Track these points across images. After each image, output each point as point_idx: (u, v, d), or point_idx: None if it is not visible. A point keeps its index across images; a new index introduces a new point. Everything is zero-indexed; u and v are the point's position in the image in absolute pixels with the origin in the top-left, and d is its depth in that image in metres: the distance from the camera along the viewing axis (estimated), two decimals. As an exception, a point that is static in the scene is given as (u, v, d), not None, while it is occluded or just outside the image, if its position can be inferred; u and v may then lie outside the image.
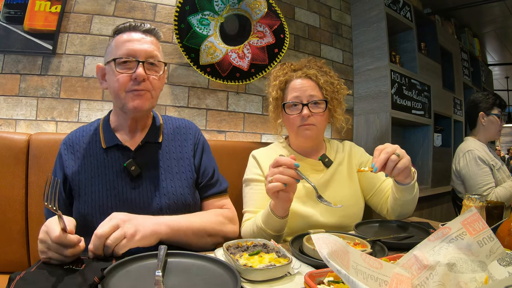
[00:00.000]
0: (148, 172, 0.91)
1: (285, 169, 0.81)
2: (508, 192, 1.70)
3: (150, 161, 0.93)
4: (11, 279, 0.55)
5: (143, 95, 0.88)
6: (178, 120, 1.07)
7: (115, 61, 0.86)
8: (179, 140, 1.02)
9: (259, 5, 1.77)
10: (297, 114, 1.08)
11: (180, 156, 0.99)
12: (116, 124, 0.96)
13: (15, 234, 1.08)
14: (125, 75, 0.86)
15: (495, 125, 1.92)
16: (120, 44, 0.88)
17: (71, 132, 0.99)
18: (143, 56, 0.88)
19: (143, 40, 0.90)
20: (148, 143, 0.95)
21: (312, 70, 1.11)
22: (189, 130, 1.05)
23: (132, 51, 0.87)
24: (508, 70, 5.35)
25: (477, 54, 3.96)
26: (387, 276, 0.47)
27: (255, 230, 0.94)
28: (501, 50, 4.58)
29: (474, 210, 0.50)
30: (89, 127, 0.98)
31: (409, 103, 2.46)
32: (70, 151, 0.93)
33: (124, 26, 0.91)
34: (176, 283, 0.57)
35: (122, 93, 0.87)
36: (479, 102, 1.96)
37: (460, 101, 3.21)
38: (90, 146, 0.93)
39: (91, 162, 0.91)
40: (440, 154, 2.76)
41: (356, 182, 1.15)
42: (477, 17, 3.63)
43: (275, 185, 0.80)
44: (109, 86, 0.91)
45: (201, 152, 1.04)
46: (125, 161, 0.89)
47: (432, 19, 2.97)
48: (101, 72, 0.94)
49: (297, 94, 1.09)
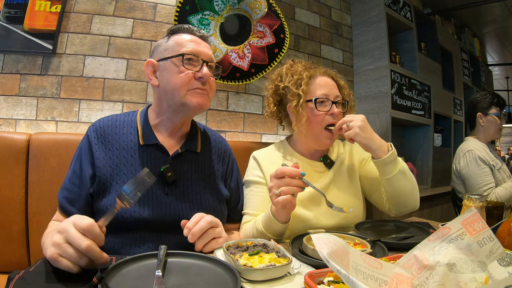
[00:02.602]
0: (183, 181, 0.90)
1: (291, 180, 0.80)
2: (509, 192, 1.70)
3: (187, 170, 0.91)
4: (10, 278, 0.54)
5: (204, 94, 0.89)
6: (214, 133, 1.08)
7: (183, 56, 0.86)
8: (214, 154, 1.01)
9: (259, 5, 1.77)
10: (325, 112, 1.04)
11: (215, 172, 0.98)
12: (156, 122, 0.93)
13: (15, 234, 1.08)
14: (189, 73, 0.86)
15: (494, 125, 1.91)
16: (184, 42, 0.89)
17: (100, 120, 0.93)
18: (206, 58, 0.89)
19: (203, 44, 0.92)
20: (188, 152, 0.93)
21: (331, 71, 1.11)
22: (224, 148, 1.06)
23: (197, 51, 0.88)
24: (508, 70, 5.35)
25: (477, 54, 3.96)
26: (387, 276, 0.47)
27: (255, 233, 0.93)
28: (501, 50, 4.58)
29: (474, 210, 0.50)
30: (122, 118, 0.93)
31: (409, 103, 2.46)
32: (101, 140, 0.88)
33: (182, 27, 0.93)
34: (176, 283, 0.57)
35: (183, 90, 0.86)
36: (477, 102, 1.96)
37: (460, 101, 3.21)
38: (125, 140, 0.89)
39: (125, 157, 0.86)
40: (440, 154, 2.76)
41: (357, 182, 1.14)
42: (477, 17, 3.63)
43: (285, 199, 0.79)
44: (164, 82, 0.88)
45: (236, 176, 1.07)
46: (161, 164, 0.87)
47: (432, 19, 2.97)
48: (152, 68, 0.91)
49: (326, 91, 1.05)
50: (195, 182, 0.92)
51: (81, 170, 0.86)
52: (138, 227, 0.82)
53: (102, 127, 0.90)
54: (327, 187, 1.08)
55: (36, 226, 1.09)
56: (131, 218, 0.80)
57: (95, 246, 0.56)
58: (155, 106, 0.94)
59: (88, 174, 0.85)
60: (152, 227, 0.83)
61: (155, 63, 0.90)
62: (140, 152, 0.87)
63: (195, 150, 0.95)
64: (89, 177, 0.84)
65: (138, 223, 0.81)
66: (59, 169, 1.13)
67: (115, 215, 0.78)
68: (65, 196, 0.85)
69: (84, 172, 0.85)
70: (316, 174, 1.11)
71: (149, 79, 0.91)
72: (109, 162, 0.85)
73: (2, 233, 1.07)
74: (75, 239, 0.55)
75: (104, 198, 0.83)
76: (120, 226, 0.80)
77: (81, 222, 0.56)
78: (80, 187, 0.85)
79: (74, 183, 0.85)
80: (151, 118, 0.94)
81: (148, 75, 0.91)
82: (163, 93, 0.89)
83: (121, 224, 0.79)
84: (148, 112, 0.95)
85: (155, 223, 0.83)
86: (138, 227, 0.82)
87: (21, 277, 0.55)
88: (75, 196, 0.84)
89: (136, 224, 0.81)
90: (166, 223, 0.84)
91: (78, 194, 0.85)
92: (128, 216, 0.80)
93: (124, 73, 1.59)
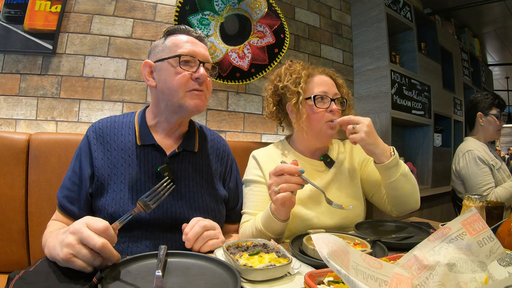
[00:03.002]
0: (181, 181, 0.90)
1: (290, 177, 0.80)
2: (508, 192, 1.70)
3: (185, 170, 0.92)
4: (10, 278, 0.54)
5: (201, 96, 0.89)
6: (213, 133, 1.08)
7: (180, 57, 0.86)
8: (212, 154, 1.01)
9: (259, 5, 1.77)
10: (324, 109, 1.05)
11: (213, 172, 0.98)
12: (154, 123, 0.93)
13: (15, 234, 1.08)
14: (186, 74, 0.86)
15: (493, 125, 1.92)
16: (180, 43, 0.89)
17: (99, 121, 0.94)
18: (202, 58, 0.89)
19: (200, 44, 0.92)
20: (185, 151, 0.93)
21: (329, 70, 1.12)
22: (223, 147, 1.06)
23: (194, 52, 0.88)
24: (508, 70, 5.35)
25: (477, 54, 3.96)
26: (387, 276, 0.47)
27: (254, 232, 0.93)
28: (501, 50, 4.58)
29: (474, 210, 0.50)
30: (121, 119, 0.94)
31: (409, 103, 2.46)
32: (100, 141, 0.89)
33: (179, 27, 0.92)
34: (176, 283, 0.57)
35: (181, 92, 0.86)
36: (477, 102, 1.96)
37: (460, 101, 3.21)
38: (123, 140, 0.89)
39: (123, 157, 0.87)
40: (440, 154, 2.76)
41: (358, 182, 1.14)
42: (477, 17, 3.63)
43: (284, 196, 0.79)
44: (162, 83, 0.88)
45: (235, 176, 1.07)
46: (158, 164, 0.87)
47: (432, 19, 2.97)
48: (149, 69, 0.92)
49: (325, 89, 1.07)
50: (192, 181, 0.92)
51: (81, 170, 0.86)
52: (135, 226, 0.82)
53: (101, 128, 0.91)
54: (327, 186, 1.08)
55: (36, 226, 1.09)
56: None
57: (109, 245, 0.57)
58: (152, 107, 0.94)
59: (87, 174, 0.85)
60: (149, 226, 0.83)
61: (152, 64, 0.90)
62: (137, 152, 0.88)
63: (192, 150, 0.95)
64: (88, 176, 0.85)
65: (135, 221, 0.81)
66: (59, 169, 1.13)
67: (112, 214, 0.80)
68: (65, 195, 0.85)
69: (83, 172, 0.86)
70: (316, 173, 1.11)
71: (146, 80, 0.92)
72: (107, 162, 0.86)
73: (2, 233, 1.07)
74: (90, 239, 0.56)
75: (102, 197, 0.83)
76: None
77: (97, 223, 0.58)
78: (80, 186, 0.85)
79: (74, 182, 0.86)
80: (148, 118, 0.94)
81: (145, 76, 0.91)
82: (160, 94, 0.89)
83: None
84: (146, 113, 0.96)
85: (152, 222, 0.83)
86: (135, 226, 0.82)
87: (21, 277, 0.55)
88: (75, 195, 0.85)
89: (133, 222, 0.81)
90: (163, 222, 0.84)
91: (78, 193, 0.85)
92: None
93: (124, 73, 1.59)
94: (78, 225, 0.58)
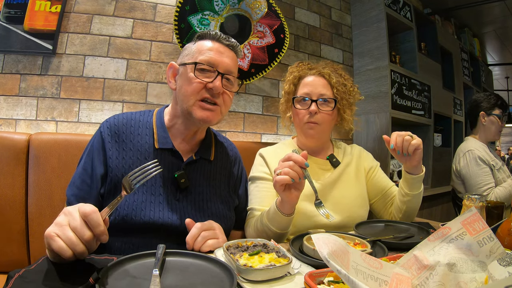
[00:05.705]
0: (196, 188, 0.90)
1: (295, 166, 0.81)
2: (507, 191, 1.70)
3: (200, 177, 0.91)
4: (10, 277, 0.54)
5: (214, 110, 0.86)
6: (226, 140, 1.08)
7: (196, 65, 0.84)
8: (226, 162, 1.01)
9: (259, 5, 1.77)
10: (305, 110, 1.09)
11: (226, 180, 0.99)
12: (171, 125, 0.92)
13: (15, 234, 1.08)
14: (201, 83, 0.84)
15: (495, 126, 1.92)
16: (203, 50, 0.87)
17: (114, 117, 0.90)
18: (223, 69, 0.87)
19: (225, 54, 0.89)
20: (201, 159, 0.93)
21: (327, 70, 1.13)
22: (235, 155, 1.07)
23: (214, 60, 0.86)
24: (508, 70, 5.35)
25: (477, 54, 3.96)
26: (387, 276, 0.47)
27: (259, 227, 0.93)
28: (501, 50, 4.58)
29: (474, 210, 0.50)
30: (137, 117, 0.91)
31: (409, 103, 2.46)
32: (115, 139, 0.85)
33: (210, 33, 0.90)
34: (173, 282, 0.56)
35: (192, 100, 0.84)
36: (480, 101, 1.96)
37: (460, 101, 3.21)
38: (139, 141, 0.87)
39: (139, 159, 0.84)
40: (440, 154, 2.76)
41: (363, 185, 1.17)
42: (477, 17, 3.63)
43: (283, 178, 0.80)
44: (179, 88, 0.88)
45: (245, 184, 1.08)
46: (175, 169, 0.86)
47: (432, 19, 2.97)
48: (173, 71, 0.91)
49: (308, 90, 1.10)
50: (206, 190, 0.92)
51: (93, 169, 0.84)
52: (147, 230, 0.81)
53: (116, 125, 0.87)
54: (331, 185, 1.10)
55: (36, 226, 1.09)
56: (140, 221, 0.80)
57: (97, 213, 0.57)
58: (171, 108, 0.94)
59: (99, 173, 0.83)
60: (161, 232, 0.82)
61: (176, 66, 0.90)
62: (155, 156, 0.86)
63: (208, 158, 0.95)
64: (101, 176, 0.83)
65: (147, 226, 0.81)
66: (59, 169, 1.14)
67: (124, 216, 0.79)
68: (74, 193, 0.83)
69: (95, 171, 0.83)
70: (320, 172, 1.13)
71: (168, 82, 0.92)
72: (122, 162, 0.84)
73: (2, 233, 1.07)
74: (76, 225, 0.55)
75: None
76: (129, 229, 0.80)
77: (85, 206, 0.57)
78: (90, 186, 0.83)
79: (84, 181, 0.83)
80: (167, 119, 0.93)
81: (169, 77, 0.91)
82: (177, 97, 0.89)
83: (131, 226, 0.80)
84: (165, 114, 0.94)
85: (165, 228, 0.82)
86: (147, 230, 0.81)
87: (21, 276, 0.55)
88: (84, 194, 0.83)
89: (145, 227, 0.81)
90: (176, 228, 0.83)
91: (88, 193, 0.83)
92: (138, 219, 0.80)
93: (124, 73, 1.59)
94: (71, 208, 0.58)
